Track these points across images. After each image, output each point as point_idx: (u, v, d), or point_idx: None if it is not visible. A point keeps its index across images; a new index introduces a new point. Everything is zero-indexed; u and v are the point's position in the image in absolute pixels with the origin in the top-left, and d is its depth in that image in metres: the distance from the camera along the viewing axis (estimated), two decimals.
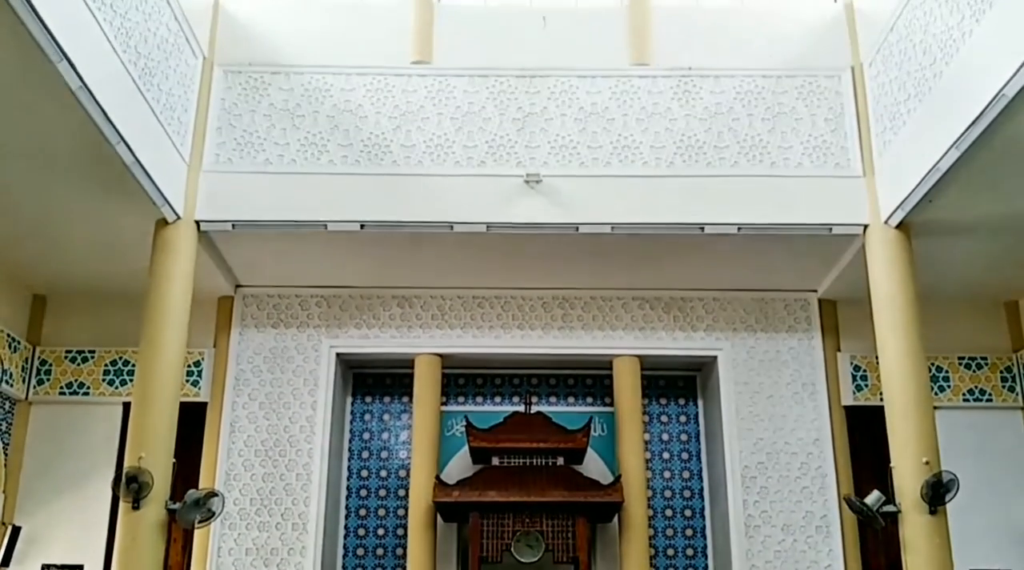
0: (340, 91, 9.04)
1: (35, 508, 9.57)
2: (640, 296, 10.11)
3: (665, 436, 10.49)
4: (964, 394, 10.09)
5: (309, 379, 9.83)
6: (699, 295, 10.13)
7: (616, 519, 9.61)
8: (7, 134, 7.00)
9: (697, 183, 8.81)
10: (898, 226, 8.40)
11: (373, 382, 10.65)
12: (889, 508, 7.79)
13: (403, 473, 10.24)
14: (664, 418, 10.56)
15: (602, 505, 9.22)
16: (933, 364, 9.95)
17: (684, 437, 10.51)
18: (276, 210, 8.67)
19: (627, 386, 9.99)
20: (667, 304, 10.12)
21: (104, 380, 9.95)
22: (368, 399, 10.60)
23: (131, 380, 9.71)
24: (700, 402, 10.62)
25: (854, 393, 9.87)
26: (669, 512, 10.23)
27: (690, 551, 10.13)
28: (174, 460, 7.92)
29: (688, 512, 10.24)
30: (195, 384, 9.78)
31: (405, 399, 10.42)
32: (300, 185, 8.74)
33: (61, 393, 9.91)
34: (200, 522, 7.91)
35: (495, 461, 9.54)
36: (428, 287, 10.05)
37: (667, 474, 10.36)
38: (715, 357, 10.00)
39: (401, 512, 10.11)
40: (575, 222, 8.68)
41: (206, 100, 8.94)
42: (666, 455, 10.42)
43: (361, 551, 10.10)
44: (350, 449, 10.41)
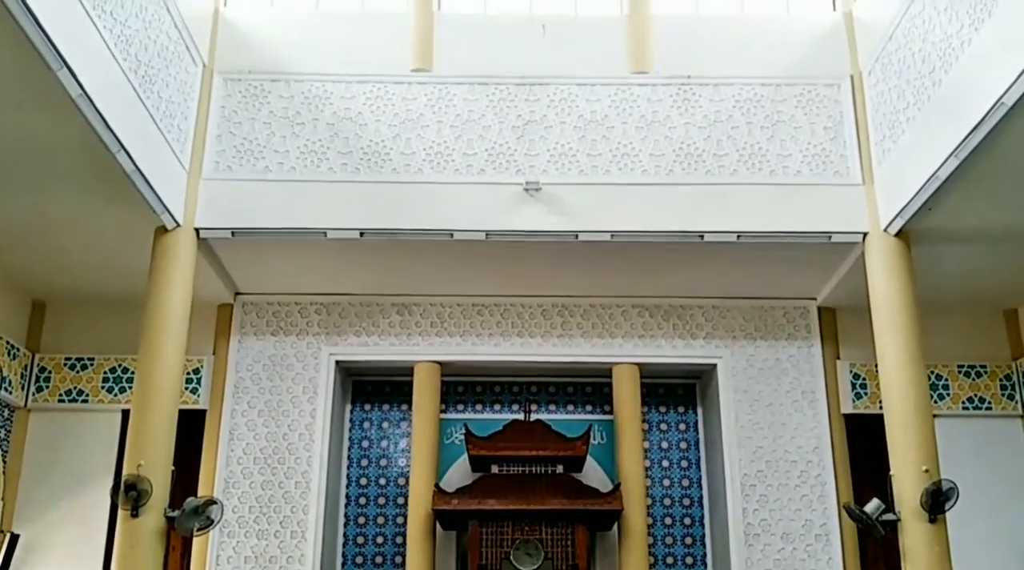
0: (340, 99, 9.05)
1: (33, 515, 9.54)
2: (639, 304, 10.11)
3: (664, 444, 10.48)
4: (964, 402, 10.09)
5: (308, 387, 9.83)
6: (698, 303, 10.13)
7: (615, 527, 9.60)
8: (6, 141, 6.99)
9: (697, 191, 8.82)
10: (897, 234, 8.40)
11: (372, 390, 10.64)
12: (889, 516, 7.78)
13: (402, 481, 10.22)
14: (663, 426, 10.55)
15: (601, 513, 9.20)
16: (933, 372, 9.95)
17: (683, 445, 10.50)
18: (276, 218, 8.67)
19: (626, 394, 9.99)
20: (666, 312, 10.12)
21: (103, 387, 9.94)
22: (367, 407, 10.60)
23: (130, 387, 9.70)
24: (699, 410, 10.61)
25: (854, 401, 9.86)
26: (669, 520, 10.22)
27: (689, 559, 10.12)
28: (173, 468, 7.89)
29: (687, 520, 10.23)
30: (194, 391, 9.77)
31: (404, 407, 10.41)
32: (300, 193, 8.75)
33: (60, 400, 9.90)
34: (199, 530, 7.89)
35: (494, 469, 9.53)
36: (427, 295, 10.05)
37: (666, 482, 10.35)
38: (714, 365, 10.00)
39: (400, 520, 10.10)
40: (574, 230, 8.69)
41: (206, 108, 8.94)
42: (665, 463, 10.42)
43: (360, 559, 10.08)
44: (349, 457, 10.40)
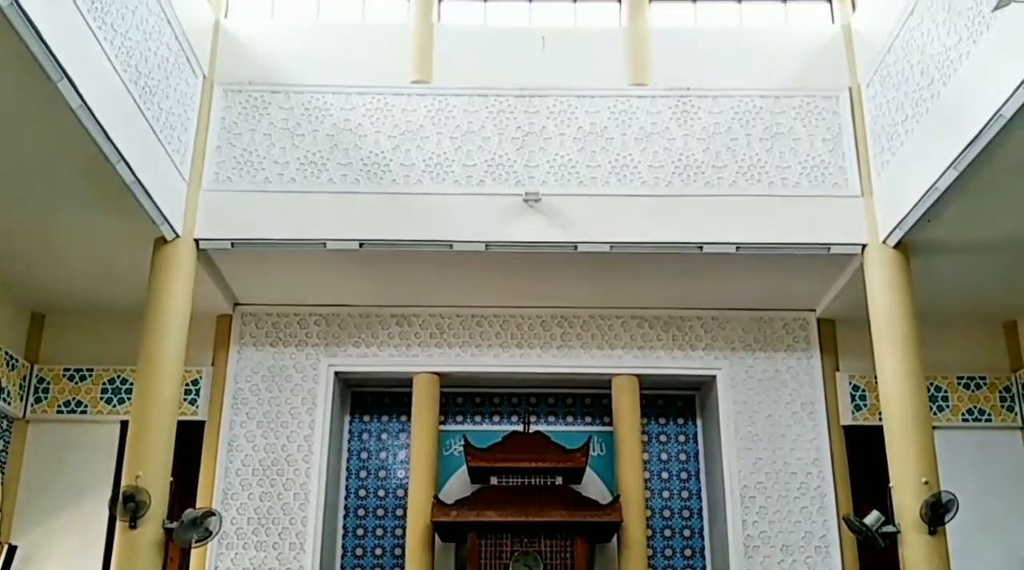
0: (340, 110, 9.07)
1: (32, 527, 9.52)
2: (639, 315, 10.11)
3: (664, 455, 10.47)
4: (963, 414, 10.08)
5: (307, 398, 9.82)
6: (698, 314, 10.14)
7: (615, 539, 9.57)
8: (7, 152, 7.01)
9: (695, 202, 8.83)
10: (896, 246, 8.42)
11: (371, 401, 10.62)
12: (888, 528, 7.78)
13: (401, 493, 10.21)
14: (663, 437, 10.53)
15: (601, 525, 9.18)
16: (932, 384, 9.94)
17: (683, 456, 10.48)
18: (275, 228, 8.68)
19: (626, 405, 9.97)
20: (666, 323, 10.12)
21: (102, 398, 9.93)
22: (366, 418, 10.58)
23: (129, 399, 9.69)
24: (699, 421, 10.60)
25: (853, 413, 9.85)
26: (668, 532, 10.20)
27: None
28: (172, 479, 7.89)
29: (687, 532, 10.21)
30: (193, 403, 9.76)
31: (403, 418, 10.40)
32: (299, 204, 8.76)
33: (59, 411, 9.88)
34: (197, 541, 7.87)
35: (494, 481, 9.51)
36: (427, 306, 10.05)
37: (666, 494, 10.33)
38: (714, 376, 10.00)
39: (399, 532, 10.07)
40: (574, 241, 8.70)
41: (206, 119, 8.96)
42: (665, 475, 10.40)
43: None
44: (348, 468, 10.38)
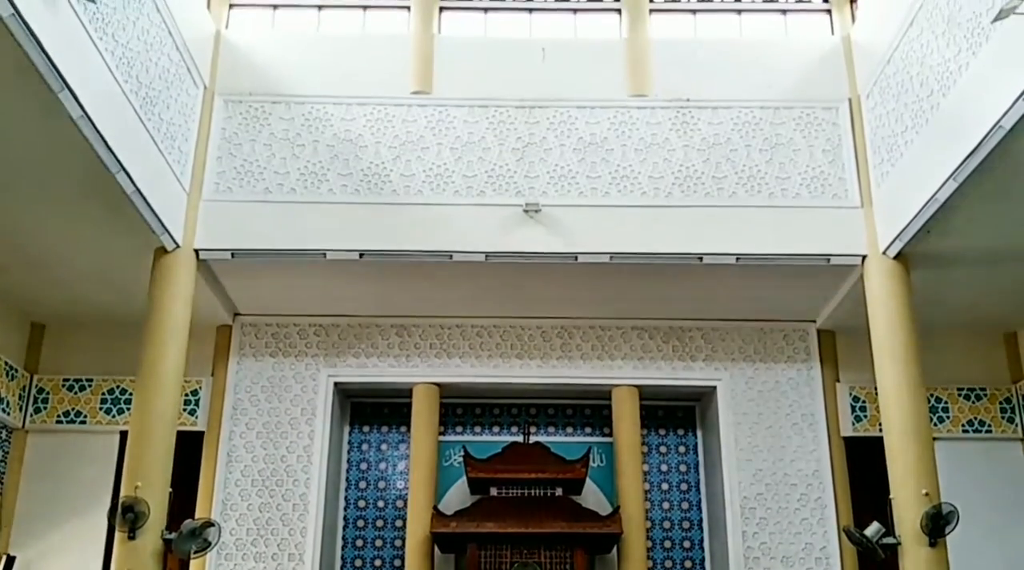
0: (340, 121, 9.08)
1: (30, 538, 9.49)
2: (639, 326, 10.11)
3: (664, 467, 10.45)
4: (964, 425, 10.07)
5: (307, 408, 9.80)
6: (698, 325, 10.13)
7: (615, 550, 9.54)
8: (7, 162, 7.01)
9: (695, 213, 8.84)
10: (896, 257, 8.42)
11: (371, 412, 10.61)
12: (889, 540, 7.76)
13: (400, 503, 10.18)
14: (663, 448, 10.52)
15: (601, 536, 9.16)
16: (932, 395, 9.93)
17: (683, 468, 10.46)
18: (275, 239, 8.69)
19: (626, 416, 9.96)
20: (666, 334, 10.11)
21: (101, 409, 9.91)
22: (366, 429, 10.56)
23: (128, 409, 9.68)
24: (699, 432, 10.58)
25: (853, 424, 9.84)
26: (668, 543, 10.17)
27: None
28: (171, 490, 7.88)
29: (687, 543, 10.18)
30: (192, 413, 9.75)
31: (403, 429, 10.38)
32: (300, 214, 8.77)
33: (58, 422, 9.87)
34: (196, 553, 7.86)
35: (493, 491, 9.50)
36: (427, 316, 10.04)
37: (666, 505, 10.31)
38: (714, 387, 9.99)
39: (398, 543, 10.04)
40: (574, 252, 8.71)
41: (207, 129, 8.98)
42: (665, 486, 10.38)
43: None
44: (347, 479, 10.35)
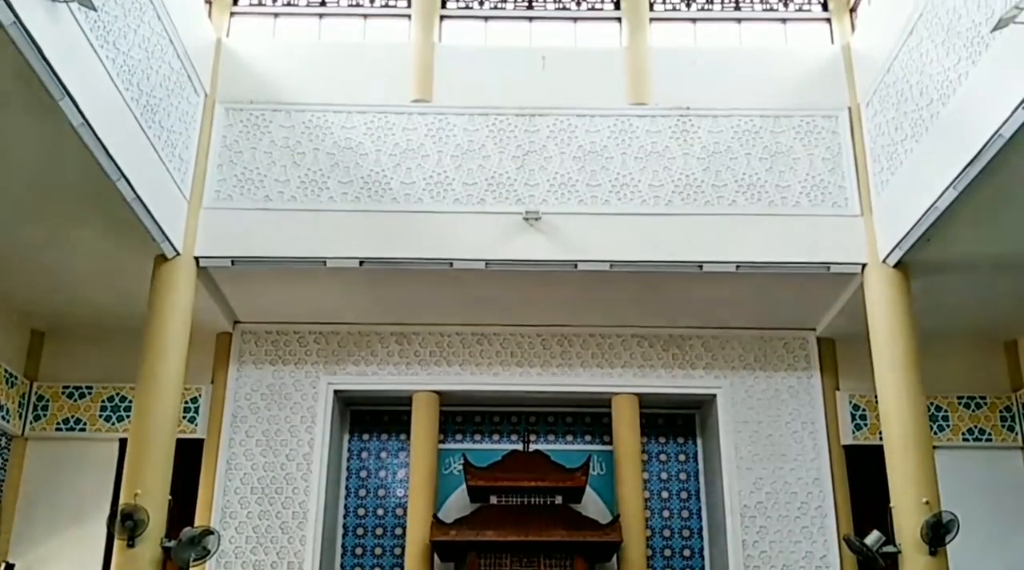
0: (341, 129, 9.10)
1: (29, 545, 9.48)
2: (639, 334, 10.11)
3: (664, 475, 10.43)
4: (964, 433, 10.06)
5: (307, 416, 9.79)
6: (698, 333, 10.13)
7: (615, 559, 9.53)
8: (7, 169, 7.02)
9: (695, 221, 8.85)
10: (896, 265, 8.42)
11: (371, 419, 10.60)
12: (889, 548, 7.75)
13: (400, 511, 10.17)
14: (663, 456, 10.50)
15: (601, 545, 9.14)
16: (932, 403, 9.92)
17: (683, 476, 10.45)
18: (276, 247, 8.69)
19: (626, 424, 9.95)
20: (666, 342, 10.11)
21: (101, 416, 9.91)
22: (365, 436, 10.55)
23: (128, 416, 9.68)
24: (699, 440, 10.57)
25: (853, 432, 9.83)
26: (668, 552, 10.15)
27: None
28: (170, 497, 7.87)
29: (687, 552, 10.16)
30: (192, 420, 9.74)
31: (403, 437, 10.37)
32: (300, 222, 8.78)
33: (58, 429, 9.86)
34: (195, 560, 7.85)
35: (493, 500, 9.48)
36: (426, 324, 10.04)
37: (666, 513, 10.29)
38: (714, 395, 9.98)
39: (398, 551, 10.03)
40: (574, 259, 8.71)
41: (207, 137, 8.99)
42: (665, 494, 10.36)
43: None
44: (347, 487, 10.34)
